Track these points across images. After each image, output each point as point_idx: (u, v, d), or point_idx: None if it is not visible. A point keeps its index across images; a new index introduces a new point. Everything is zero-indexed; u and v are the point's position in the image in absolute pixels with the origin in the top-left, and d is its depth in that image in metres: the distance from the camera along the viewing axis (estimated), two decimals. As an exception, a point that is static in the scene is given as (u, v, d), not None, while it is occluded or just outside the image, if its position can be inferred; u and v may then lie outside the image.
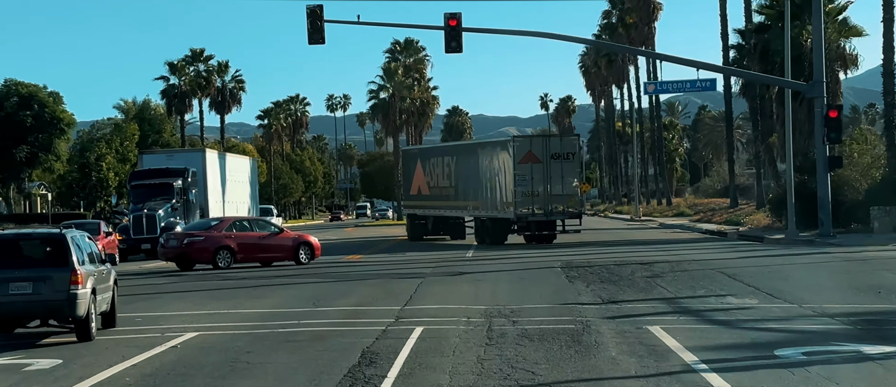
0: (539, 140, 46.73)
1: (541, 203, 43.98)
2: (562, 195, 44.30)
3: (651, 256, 33.49)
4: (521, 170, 43.99)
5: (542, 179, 43.98)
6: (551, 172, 44.06)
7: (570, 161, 44.44)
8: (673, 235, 52.17)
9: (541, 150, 44.46)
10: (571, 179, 44.38)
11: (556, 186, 44.09)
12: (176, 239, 34.12)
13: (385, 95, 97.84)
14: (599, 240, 47.40)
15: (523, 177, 43.90)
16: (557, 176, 44.08)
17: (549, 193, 44.03)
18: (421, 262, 34.87)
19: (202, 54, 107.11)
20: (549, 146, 44.73)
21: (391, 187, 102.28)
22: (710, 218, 63.69)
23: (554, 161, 44.10)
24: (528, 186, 43.84)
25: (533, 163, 44.06)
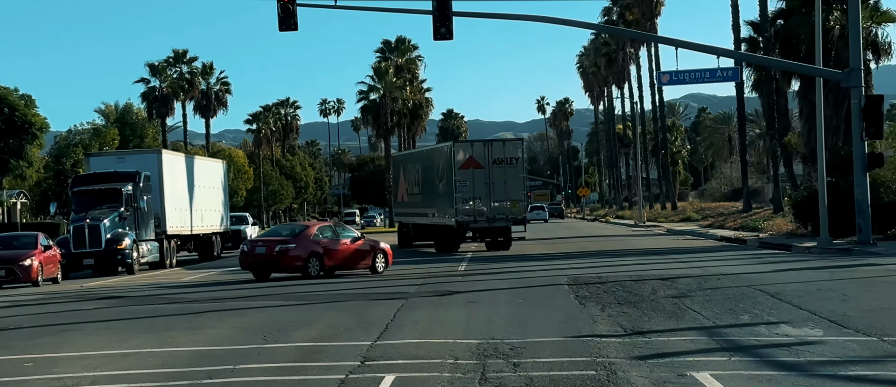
0: (480, 145, 45.03)
1: (483, 210, 43.21)
2: (505, 201, 43.44)
3: (670, 269, 29.09)
4: (461, 175, 43.13)
5: (485, 185, 43.17)
6: (494, 177, 43.24)
7: (514, 166, 43.64)
8: (685, 242, 47.78)
9: (482, 155, 43.53)
10: (515, 185, 43.62)
11: (499, 192, 43.24)
12: (264, 246, 31.48)
13: (375, 96, 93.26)
14: (605, 248, 43.07)
15: (464, 183, 43.07)
16: (500, 182, 43.25)
17: (492, 199, 43.23)
18: (406, 277, 30.45)
19: (185, 55, 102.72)
20: (492, 151, 43.71)
21: (383, 193, 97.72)
22: (722, 223, 59.30)
23: (496, 166, 43.24)
24: (469, 192, 43.06)
25: (474, 168, 43.25)
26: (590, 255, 38.78)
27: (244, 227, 55.33)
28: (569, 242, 52.32)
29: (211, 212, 45.30)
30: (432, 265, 35.35)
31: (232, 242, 52.70)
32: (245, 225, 56.18)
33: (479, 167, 43.28)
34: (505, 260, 37.18)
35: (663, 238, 53.21)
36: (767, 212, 56.62)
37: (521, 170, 44.32)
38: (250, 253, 31.72)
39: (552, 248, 45.84)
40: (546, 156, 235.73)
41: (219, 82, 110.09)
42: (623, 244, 47.32)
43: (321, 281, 30.14)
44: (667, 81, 34.79)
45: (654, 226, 74.07)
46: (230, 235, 51.39)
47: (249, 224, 56.87)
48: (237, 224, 54.82)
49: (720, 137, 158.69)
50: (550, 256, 39.63)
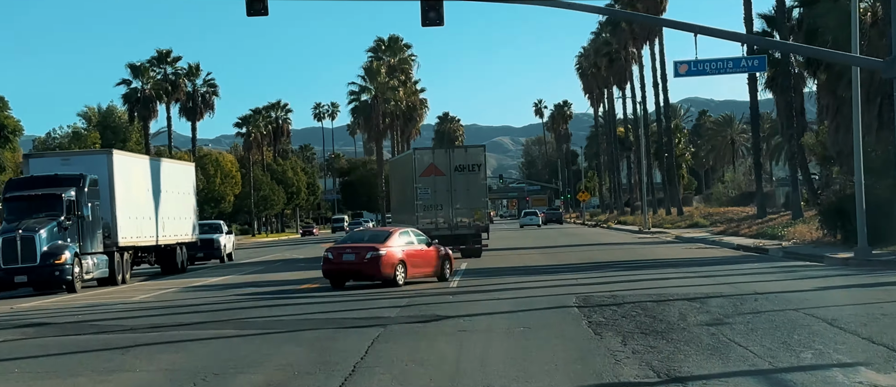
0: (442, 152, 45.42)
1: (445, 217, 43.04)
2: (467, 209, 43.31)
3: (694, 286, 25.17)
4: (422, 182, 43.16)
5: (447, 192, 43.07)
6: (455, 184, 43.18)
7: (476, 173, 43.48)
8: (699, 251, 43.84)
9: (444, 162, 43.52)
10: (477, 192, 43.53)
11: (461, 199, 43.18)
12: (353, 253, 29.38)
13: (367, 97, 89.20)
14: (614, 259, 39.15)
15: (425, 190, 43.08)
16: (462, 189, 43.20)
17: (454, 206, 43.14)
18: (389, 295, 26.51)
19: (169, 56, 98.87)
20: (453, 158, 43.79)
21: (375, 198, 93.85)
22: (735, 230, 55.36)
23: (457, 173, 43.21)
24: (430, 199, 43.03)
25: (436, 175, 43.26)
26: (597, 267, 34.86)
27: (217, 236, 50.69)
28: (572, 251, 48.43)
29: (177, 220, 40.83)
30: (422, 281, 31.40)
31: (204, 252, 48.66)
32: (219, 234, 51.19)
33: (440, 174, 43.16)
34: (503, 273, 33.23)
35: (674, 247, 49.29)
36: (784, 218, 52.71)
37: (484, 177, 43.83)
38: (336, 260, 29.48)
39: (554, 258, 41.93)
40: (544, 160, 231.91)
41: (205, 84, 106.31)
42: (632, 254, 43.39)
43: (294, 301, 26.23)
44: (685, 72, 30.93)
45: (660, 232, 70.15)
46: (200, 244, 47.33)
47: (224, 233, 52.04)
48: (210, 232, 50.21)
49: (722, 140, 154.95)
50: (553, 268, 35.70)
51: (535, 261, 40.15)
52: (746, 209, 76.46)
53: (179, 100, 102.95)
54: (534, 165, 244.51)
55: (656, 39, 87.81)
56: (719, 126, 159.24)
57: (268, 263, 49.45)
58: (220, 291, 29.48)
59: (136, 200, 36.19)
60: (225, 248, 51.13)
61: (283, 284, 31.55)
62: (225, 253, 51.20)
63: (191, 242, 44.07)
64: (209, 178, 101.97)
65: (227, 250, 51.56)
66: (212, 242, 49.48)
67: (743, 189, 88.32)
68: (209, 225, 52.49)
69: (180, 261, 42.21)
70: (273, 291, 28.30)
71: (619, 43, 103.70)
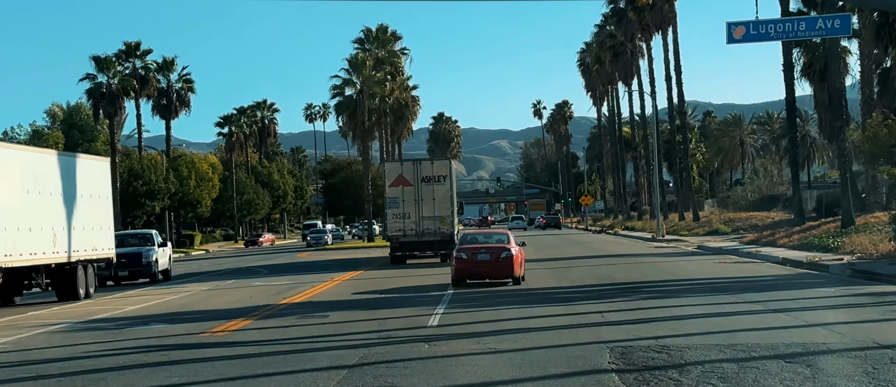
0: (410, 164, 47.78)
1: (412, 225, 45.63)
2: (433, 217, 45.63)
3: (775, 328, 17.70)
4: (392, 192, 45.98)
5: (414, 202, 45.63)
6: (422, 194, 45.75)
7: (442, 184, 45.98)
8: (738, 267, 36.24)
9: (411, 173, 46.10)
10: (443, 202, 45.81)
11: (428, 208, 45.62)
12: (488, 253, 29.94)
13: (351, 92, 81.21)
14: (637, 278, 31.57)
15: (395, 200, 45.84)
16: (429, 199, 45.70)
17: (421, 215, 45.60)
18: (343, 337, 19.00)
19: (138, 48, 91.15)
20: (421, 170, 46.37)
21: (360, 201, 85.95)
22: (770, 239, 47.68)
23: (425, 184, 45.82)
24: (399, 208, 45.65)
25: (404, 186, 45.80)
26: (621, 290, 27.30)
27: (147, 249, 40.75)
28: (581, 265, 40.88)
29: (82, 231, 31.76)
30: (395, 311, 23.79)
31: (129, 269, 39.80)
32: (149, 246, 41.06)
33: (408, 185, 45.74)
34: (500, 302, 25.58)
35: (702, 260, 41.67)
36: (830, 225, 45.13)
37: (450, 188, 46.17)
38: (471, 260, 29.87)
39: (564, 277, 34.28)
40: (543, 163, 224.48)
41: (181, 80, 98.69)
42: (657, 270, 35.79)
43: (194, 357, 18.61)
44: (741, 37, 23.57)
45: (677, 240, 62.60)
46: (125, 260, 38.85)
47: (156, 245, 41.42)
48: (139, 245, 40.96)
49: (730, 141, 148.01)
50: (565, 292, 28.12)
51: (541, 280, 32.55)
52: (771, 214, 68.91)
53: (151, 96, 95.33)
54: (532, 167, 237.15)
55: (669, 28, 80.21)
56: (727, 127, 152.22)
57: (205, 275, 41.77)
58: (111, 332, 21.57)
59: (10, 206, 27.65)
60: (157, 263, 41.06)
61: (202, 319, 23.87)
62: (157, 270, 41.17)
63: (103, 258, 34.86)
64: (183, 180, 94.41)
65: (160, 267, 41.44)
66: (138, 257, 40.15)
67: (764, 192, 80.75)
68: (138, 236, 43.07)
69: (84, 284, 32.57)
70: (180, 335, 20.53)
71: (626, 35, 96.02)
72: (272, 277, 40.76)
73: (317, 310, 24.81)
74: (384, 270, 42.82)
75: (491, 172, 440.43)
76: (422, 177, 45.87)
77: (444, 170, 46.84)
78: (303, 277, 39.66)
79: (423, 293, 28.87)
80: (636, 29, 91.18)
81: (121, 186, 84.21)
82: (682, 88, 76.74)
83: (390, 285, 33.19)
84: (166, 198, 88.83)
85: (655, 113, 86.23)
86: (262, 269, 49.48)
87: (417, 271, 40.37)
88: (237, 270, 49.07)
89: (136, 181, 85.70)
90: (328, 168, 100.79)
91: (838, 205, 57.69)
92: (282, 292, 31.94)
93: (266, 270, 48.60)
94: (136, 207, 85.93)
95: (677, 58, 75.62)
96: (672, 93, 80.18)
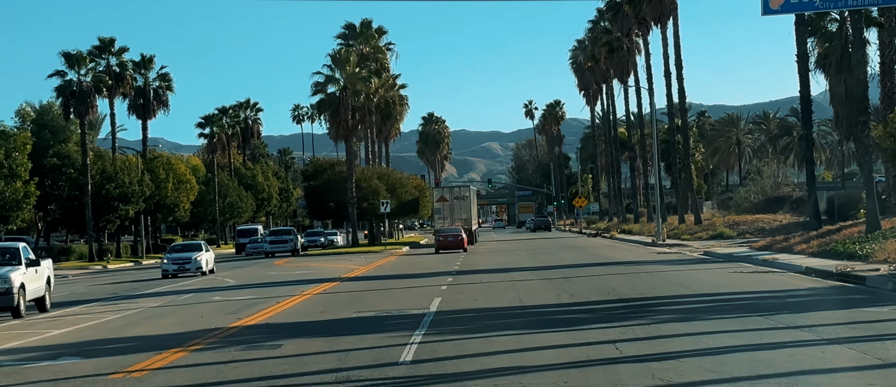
0: (448, 189, 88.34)
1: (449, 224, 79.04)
2: (461, 219, 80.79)
3: (841, 370, 13.68)
4: (438, 205, 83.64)
5: (450, 211, 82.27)
6: (455, 207, 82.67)
7: (466, 201, 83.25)
8: (757, 278, 32.24)
9: (449, 194, 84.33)
10: (466, 211, 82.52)
11: (457, 215, 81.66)
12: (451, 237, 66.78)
13: (334, 89, 76.95)
14: (648, 292, 27.58)
15: (439, 209, 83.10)
16: (458, 209, 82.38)
17: (454, 218, 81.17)
18: (299, 374, 15.04)
19: (113, 45, 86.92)
20: (453, 193, 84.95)
21: (344, 205, 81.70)
22: (784, 245, 43.63)
23: (456, 201, 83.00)
24: (441, 215, 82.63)
25: (444, 202, 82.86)
26: (632, 308, 23.35)
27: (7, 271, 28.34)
28: (581, 274, 36.93)
29: None
30: (364, 338, 19.75)
31: None
32: (11, 266, 28.69)
33: (446, 201, 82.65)
34: (490, 325, 21.57)
35: (714, 269, 37.68)
36: (852, 230, 41.13)
37: (470, 203, 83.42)
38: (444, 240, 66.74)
39: (563, 289, 30.23)
40: (535, 164, 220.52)
41: (159, 78, 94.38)
42: (667, 281, 31.82)
43: None
44: (778, 7, 19.63)
45: (679, 245, 58.67)
46: None
47: (23, 263, 29.18)
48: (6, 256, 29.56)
49: (726, 142, 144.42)
50: (567, 311, 24.13)
51: (538, 295, 28.58)
52: (778, 217, 65.05)
53: (127, 95, 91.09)
54: (524, 169, 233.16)
55: (668, 21, 76.27)
56: (723, 126, 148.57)
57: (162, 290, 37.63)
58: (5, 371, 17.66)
59: None
60: (21, 292, 28.45)
61: (127, 349, 19.72)
62: (20, 301, 28.41)
63: None
64: (160, 183, 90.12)
65: (27, 295, 29.07)
66: None
67: (767, 193, 76.81)
68: (1, 251, 30.26)
69: None
70: (83, 378, 16.27)
71: (622, 30, 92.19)
72: (238, 291, 36.70)
73: (270, 337, 20.72)
74: (363, 282, 38.81)
75: (482, 174, 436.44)
76: (454, 197, 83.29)
77: (467, 193, 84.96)
78: (271, 290, 35.59)
79: (400, 313, 24.81)
80: (633, 23, 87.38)
81: (93, 189, 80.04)
82: (682, 84, 72.88)
83: (365, 301, 29.16)
84: (141, 201, 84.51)
85: (653, 110, 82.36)
86: (228, 280, 45.37)
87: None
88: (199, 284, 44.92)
89: (108, 184, 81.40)
90: (310, 170, 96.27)
91: (852, 207, 53.83)
92: (240, 309, 27.86)
93: (232, 280, 44.53)
94: (108, 210, 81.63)
95: (678, 51, 71.75)
96: (672, 89, 76.30)
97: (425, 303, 26.86)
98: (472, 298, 28.43)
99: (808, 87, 46.12)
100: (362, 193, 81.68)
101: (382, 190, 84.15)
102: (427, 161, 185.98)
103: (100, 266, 73.89)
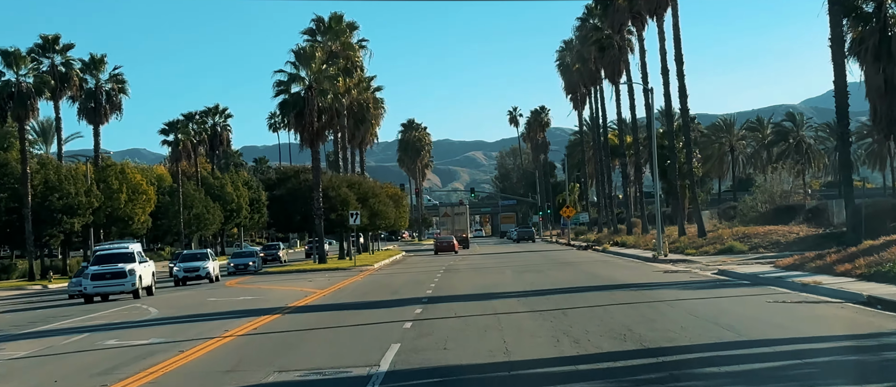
0: (450, 206, 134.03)
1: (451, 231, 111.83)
2: (459, 229, 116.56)
3: None
4: (443, 219, 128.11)
5: (451, 221, 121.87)
6: (455, 219, 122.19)
7: (463, 215, 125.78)
8: (814, 312, 25.18)
9: (451, 210, 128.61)
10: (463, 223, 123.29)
11: (456, 225, 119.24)
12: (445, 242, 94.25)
13: (299, 88, 69.55)
14: (680, 341, 20.51)
15: (444, 222, 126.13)
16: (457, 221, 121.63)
17: (454, 227, 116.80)
18: None
19: (57, 43, 79.63)
20: (454, 210, 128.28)
21: (309, 216, 74.19)
22: (819, 265, 36.33)
23: (455, 215, 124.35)
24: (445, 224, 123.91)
25: (446, 216, 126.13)
26: (663, 366, 16.29)
27: None
28: (580, 301, 29.83)
29: None
30: None
31: None
32: None
33: (448, 215, 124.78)
34: (470, 381, 14.48)
35: (743, 295, 30.58)
36: (904, 245, 34.13)
37: (466, 216, 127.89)
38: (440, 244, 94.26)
39: (561, 329, 23.03)
40: (519, 172, 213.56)
41: (112, 80, 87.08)
42: (694, 316, 24.76)
43: None
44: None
45: (685, 261, 51.61)
46: None
47: None
48: None
49: (719, 149, 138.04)
50: (572, 373, 17.00)
51: (528, 341, 21.49)
52: (793, 229, 58.08)
53: (76, 98, 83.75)
54: (508, 178, 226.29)
55: (665, 12, 69.26)
56: (715, 132, 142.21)
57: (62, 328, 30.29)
58: None
59: None
60: None
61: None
62: None
63: None
64: (112, 193, 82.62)
65: None
66: None
67: (776, 202, 69.83)
68: None
69: None
70: None
71: (614, 26, 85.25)
72: (149, 328, 29.34)
73: None
74: (311, 314, 31.57)
75: (466, 183, 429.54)
76: (455, 212, 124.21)
77: (462, 209, 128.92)
78: (190, 328, 28.24)
79: (336, 376, 17.59)
80: (626, 17, 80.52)
81: (34, 201, 72.63)
82: (683, 81, 65.77)
83: (297, 350, 21.91)
84: (89, 214, 76.98)
85: (650, 111, 75.35)
86: (152, 310, 38.02)
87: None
88: (113, 317, 37.59)
89: (52, 195, 73.91)
90: (273, 178, 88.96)
91: (883, 218, 47.02)
92: (120, 366, 20.52)
93: (156, 310, 37.16)
94: (52, 224, 74.11)
95: (678, 45, 64.70)
96: (670, 89, 69.19)
97: (376, 354, 19.71)
98: (441, 343, 21.28)
99: (843, 77, 39.02)
100: (331, 204, 74.23)
101: (353, 200, 76.78)
102: (407, 169, 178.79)
103: (40, 286, 66.48)
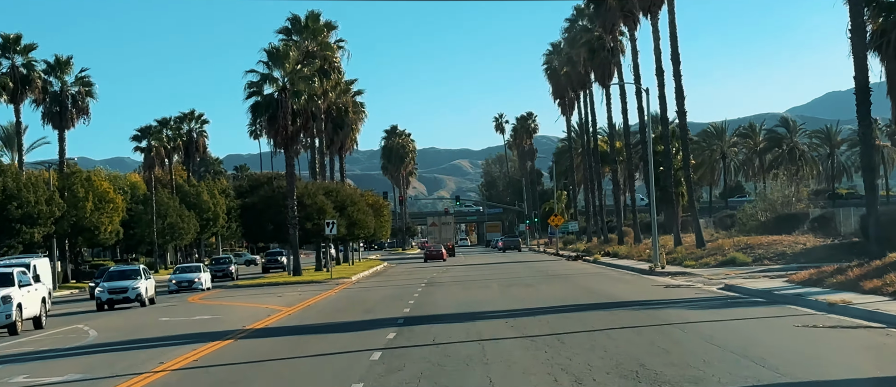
0: (438, 216, 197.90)
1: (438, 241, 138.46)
2: (445, 238, 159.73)
3: None
4: (431, 229, 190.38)
5: (438, 231, 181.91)
6: (441, 229, 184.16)
7: (449, 225, 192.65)
8: (859, 340, 21.34)
9: (438, 220, 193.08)
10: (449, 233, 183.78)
11: (443, 235, 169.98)
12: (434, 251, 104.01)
13: (271, 89, 65.53)
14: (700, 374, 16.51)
15: (432, 232, 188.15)
16: (444, 232, 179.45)
17: (441, 237, 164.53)
18: None
19: (18, 43, 75.48)
20: (441, 220, 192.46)
21: (283, 225, 70.18)
22: (840, 280, 32.51)
23: (443, 225, 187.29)
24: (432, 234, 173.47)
25: (434, 226, 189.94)
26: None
27: None
28: (578, 325, 25.95)
29: None
30: None
31: None
32: None
33: (436, 226, 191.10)
34: None
35: (763, 316, 26.73)
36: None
37: (452, 226, 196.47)
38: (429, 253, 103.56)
39: (558, 362, 19.09)
40: (505, 180, 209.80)
41: (78, 82, 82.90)
42: (713, 346, 20.91)
43: None
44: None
45: (685, 273, 47.77)
46: None
47: None
48: None
49: (711, 155, 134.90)
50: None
51: (520, 373, 17.52)
52: (799, 239, 54.30)
53: (39, 101, 79.62)
54: (494, 185, 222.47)
55: (660, 11, 65.48)
56: (706, 139, 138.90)
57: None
58: None
59: None
60: None
61: None
62: None
63: None
64: (78, 202, 78.42)
65: None
66: None
67: (778, 211, 66.10)
68: None
69: None
70: None
71: (605, 26, 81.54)
72: (73, 359, 25.19)
73: None
74: (268, 339, 27.51)
75: (452, 191, 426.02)
76: (441, 222, 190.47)
77: (449, 220, 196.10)
78: (121, 357, 24.16)
79: None
80: (618, 17, 76.81)
81: (-9, 210, 68.42)
82: (680, 81, 61.91)
83: None
84: (51, 223, 72.72)
85: (642, 114, 71.54)
86: (91, 332, 33.92)
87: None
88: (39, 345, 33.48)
89: (10, 203, 69.60)
90: (245, 185, 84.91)
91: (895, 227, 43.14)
92: None
93: (95, 332, 33.04)
94: (10, 234, 69.80)
95: (674, 43, 60.85)
96: (664, 91, 65.33)
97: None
98: (412, 383, 17.30)
99: (865, 71, 35.17)
100: (306, 212, 70.11)
101: (330, 208, 72.71)
102: (391, 177, 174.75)
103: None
